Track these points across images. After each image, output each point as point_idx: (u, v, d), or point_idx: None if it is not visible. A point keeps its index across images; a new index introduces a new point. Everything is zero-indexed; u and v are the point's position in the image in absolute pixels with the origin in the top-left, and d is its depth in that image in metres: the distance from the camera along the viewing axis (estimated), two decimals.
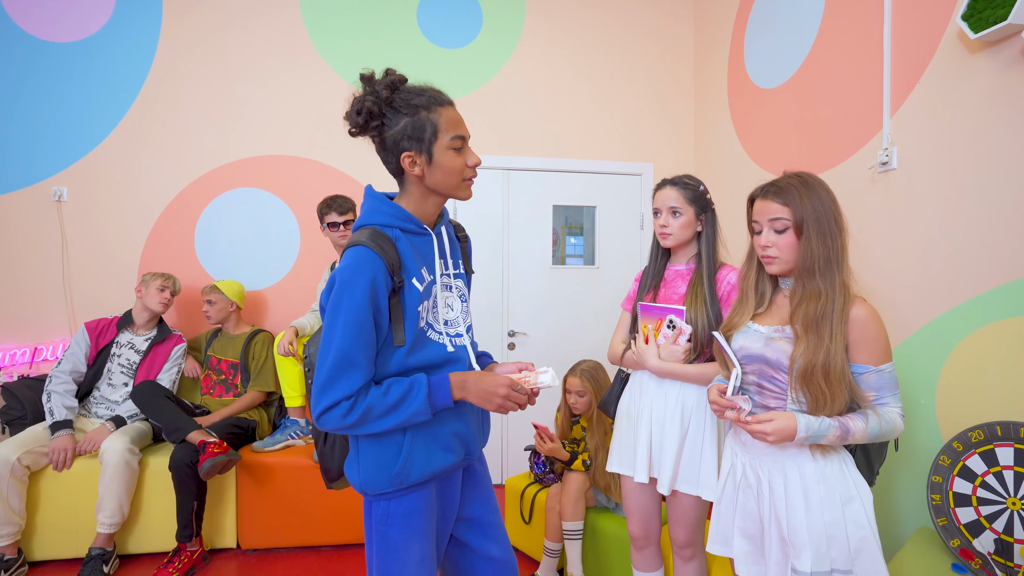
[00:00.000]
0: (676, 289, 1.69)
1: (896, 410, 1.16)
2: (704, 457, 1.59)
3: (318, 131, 3.16)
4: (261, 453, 2.47)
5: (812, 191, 1.20)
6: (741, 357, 1.29)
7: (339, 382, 1.02)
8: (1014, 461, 1.50)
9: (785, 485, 1.20)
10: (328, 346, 1.03)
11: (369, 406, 1.03)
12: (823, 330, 1.15)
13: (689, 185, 1.67)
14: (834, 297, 1.16)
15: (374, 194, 1.18)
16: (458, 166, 1.11)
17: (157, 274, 2.63)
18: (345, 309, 1.02)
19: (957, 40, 1.70)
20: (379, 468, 1.09)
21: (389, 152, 1.10)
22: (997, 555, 1.49)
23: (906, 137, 1.89)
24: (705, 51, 3.30)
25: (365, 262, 1.04)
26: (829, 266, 1.17)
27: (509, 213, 3.35)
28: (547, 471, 2.41)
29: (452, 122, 1.09)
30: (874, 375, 1.16)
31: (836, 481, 1.17)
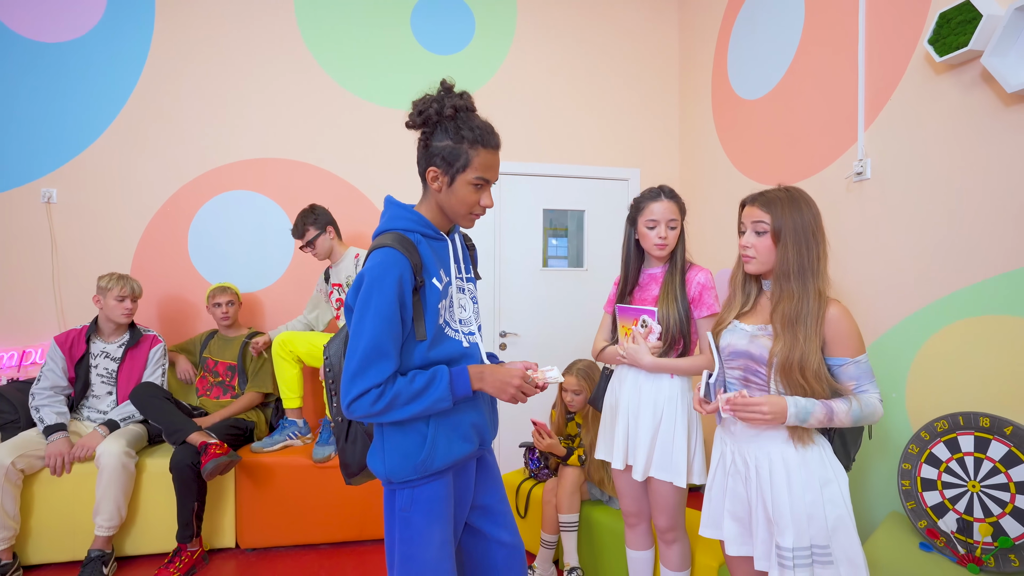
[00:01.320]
0: (650, 292, 1.79)
1: (875, 396, 1.28)
2: (676, 446, 1.69)
3: (314, 135, 3.20)
4: (260, 454, 2.50)
5: (795, 205, 1.33)
6: (728, 353, 1.42)
7: (369, 371, 1.10)
8: (974, 448, 1.64)
9: (771, 469, 1.31)
10: (358, 338, 1.11)
11: (396, 393, 1.11)
12: (798, 330, 1.27)
13: (679, 197, 1.78)
14: (808, 300, 1.28)
15: (396, 203, 1.30)
16: (471, 200, 1.22)
17: (110, 278, 2.48)
18: (375, 303, 1.11)
19: (924, 62, 1.85)
20: (404, 457, 1.18)
21: (425, 157, 1.23)
22: (959, 533, 1.63)
23: (879, 149, 2.03)
24: (690, 62, 3.44)
25: (393, 261, 1.13)
26: (803, 273, 1.30)
27: (501, 217, 3.43)
28: (542, 467, 2.50)
29: (484, 165, 1.21)
30: (852, 366, 1.28)
31: (815, 465, 1.29)
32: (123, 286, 2.50)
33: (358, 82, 3.24)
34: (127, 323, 2.57)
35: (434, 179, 1.21)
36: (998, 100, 1.63)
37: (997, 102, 1.63)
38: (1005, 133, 1.61)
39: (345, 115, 3.23)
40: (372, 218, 3.26)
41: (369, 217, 3.25)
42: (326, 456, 2.46)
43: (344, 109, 3.23)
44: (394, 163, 3.29)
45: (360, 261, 2.63)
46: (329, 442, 2.53)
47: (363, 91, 3.25)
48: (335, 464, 2.49)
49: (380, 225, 1.26)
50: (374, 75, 3.26)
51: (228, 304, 2.74)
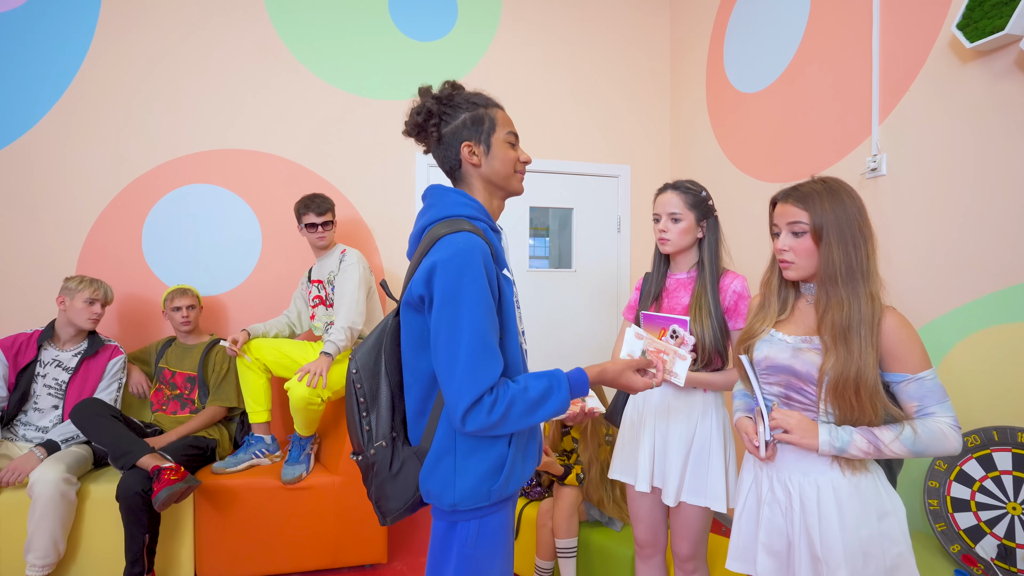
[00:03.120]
0: (679, 299, 1.65)
1: (945, 420, 1.09)
2: (712, 466, 1.56)
3: (283, 125, 2.94)
4: (222, 475, 2.24)
5: (836, 197, 1.17)
6: (766, 367, 1.25)
7: (480, 371, 0.95)
8: (1012, 466, 1.52)
9: (819, 500, 1.15)
10: (456, 336, 0.95)
11: (511, 399, 0.97)
12: (852, 342, 1.11)
13: (691, 190, 1.64)
14: (859, 307, 1.12)
15: (450, 188, 1.15)
16: (512, 157, 1.15)
17: (82, 280, 2.27)
18: (470, 293, 0.96)
19: (949, 49, 1.73)
20: (482, 480, 1.03)
21: (447, 146, 1.13)
22: (1000, 560, 1.50)
23: (896, 144, 1.90)
24: (682, 53, 3.30)
25: (475, 244, 1.00)
26: (852, 275, 1.13)
27: None
28: (534, 484, 2.31)
29: (506, 120, 1.17)
30: (913, 384, 1.11)
31: (870, 495, 1.13)
32: (95, 289, 2.29)
33: (331, 69, 3.00)
34: (90, 329, 2.32)
35: (471, 153, 1.12)
36: None
37: None
38: None
39: (317, 104, 2.99)
40: (346, 215, 3.02)
41: (343, 214, 3.01)
42: (296, 476, 2.23)
43: (316, 97, 2.99)
44: (371, 156, 3.06)
45: (345, 257, 2.43)
46: (300, 460, 2.30)
47: (336, 79, 3.01)
48: (307, 485, 2.25)
49: (436, 212, 1.10)
50: (348, 61, 3.02)
51: (189, 308, 2.47)
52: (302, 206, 2.43)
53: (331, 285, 2.45)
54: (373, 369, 1.07)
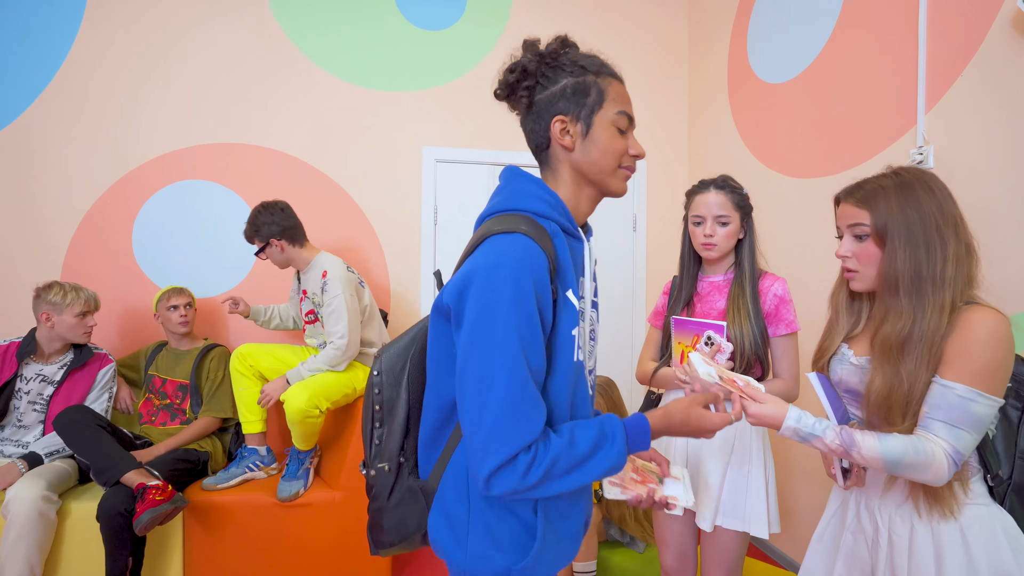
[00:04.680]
0: (713, 304, 1.51)
1: (941, 444, 0.90)
2: (751, 487, 1.42)
3: (284, 118, 2.80)
4: (213, 491, 2.09)
5: (908, 194, 0.99)
6: (844, 391, 1.11)
7: (517, 425, 0.73)
8: None
9: (911, 541, 0.98)
10: (489, 374, 0.73)
11: (554, 458, 0.75)
12: (904, 361, 0.95)
13: (736, 189, 1.51)
14: (923, 319, 0.94)
15: (524, 174, 0.90)
16: (618, 148, 0.87)
17: (65, 292, 2.06)
18: (507, 318, 0.73)
19: (1011, 26, 1.57)
20: (498, 549, 0.81)
21: (538, 117, 0.88)
22: None
23: (946, 134, 1.75)
24: (701, 42, 3.14)
25: (528, 256, 0.76)
26: (919, 283, 0.96)
27: None
28: None
29: (621, 97, 0.89)
30: (937, 389, 0.93)
31: (981, 548, 0.92)
32: (85, 300, 2.10)
33: (334, 58, 2.86)
34: (84, 343, 2.16)
35: (564, 131, 0.86)
36: None
37: None
38: None
39: (318, 95, 2.84)
40: (351, 216, 2.87)
41: (348, 214, 2.87)
42: (294, 493, 2.08)
43: (317, 88, 2.84)
44: (375, 150, 2.91)
45: (327, 284, 2.14)
46: (298, 475, 2.14)
47: (339, 69, 2.86)
48: (305, 502, 2.10)
49: (499, 202, 0.88)
50: (352, 51, 2.87)
51: (187, 307, 2.33)
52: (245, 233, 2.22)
53: (318, 307, 2.22)
54: (397, 376, 0.90)
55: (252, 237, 2.19)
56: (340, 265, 2.20)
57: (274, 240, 2.17)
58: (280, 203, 2.21)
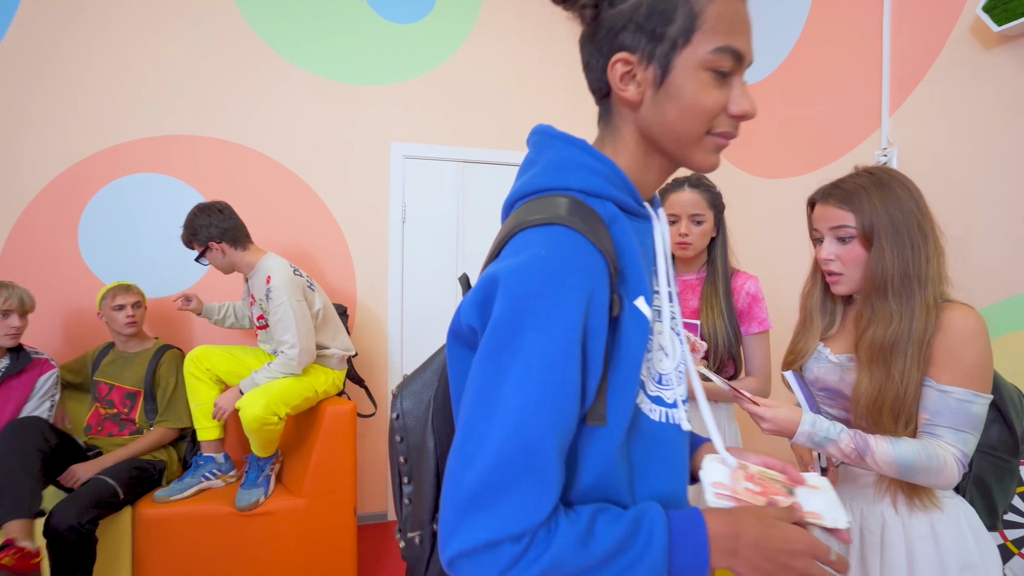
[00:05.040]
0: (687, 303, 1.51)
1: (951, 450, 0.90)
2: None
3: (243, 109, 2.68)
4: (165, 503, 1.98)
5: (887, 192, 0.99)
6: (820, 389, 1.10)
7: (508, 499, 0.49)
8: None
9: (883, 536, 0.99)
10: (488, 418, 0.51)
11: (557, 559, 0.49)
12: (894, 363, 0.94)
13: (709, 187, 1.50)
14: (911, 319, 0.94)
15: (565, 136, 0.64)
16: (709, 104, 0.58)
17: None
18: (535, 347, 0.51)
19: (970, 33, 1.61)
20: None
21: (598, 47, 0.61)
22: None
23: (908, 137, 1.78)
24: None
25: (575, 259, 0.53)
26: (907, 284, 0.96)
27: (465, 211, 3.03)
28: None
29: (728, 21, 0.56)
30: (935, 394, 0.93)
31: (951, 541, 0.94)
32: (5, 298, 1.90)
33: (299, 50, 2.75)
34: (11, 346, 1.97)
35: (627, 76, 0.59)
36: None
37: None
38: None
39: (281, 87, 2.73)
40: (316, 213, 2.78)
41: (313, 212, 2.77)
42: (253, 502, 1.98)
43: (280, 80, 2.73)
44: (341, 146, 2.82)
45: (272, 290, 2.00)
46: (258, 483, 2.05)
47: (304, 60, 2.76)
48: (266, 511, 2.01)
49: (533, 178, 0.62)
50: (317, 42, 2.77)
51: (134, 306, 2.17)
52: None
53: (266, 313, 2.10)
54: (421, 418, 0.68)
55: (190, 241, 2.07)
56: (285, 269, 2.07)
57: (213, 243, 2.05)
58: (219, 203, 2.09)
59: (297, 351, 2.02)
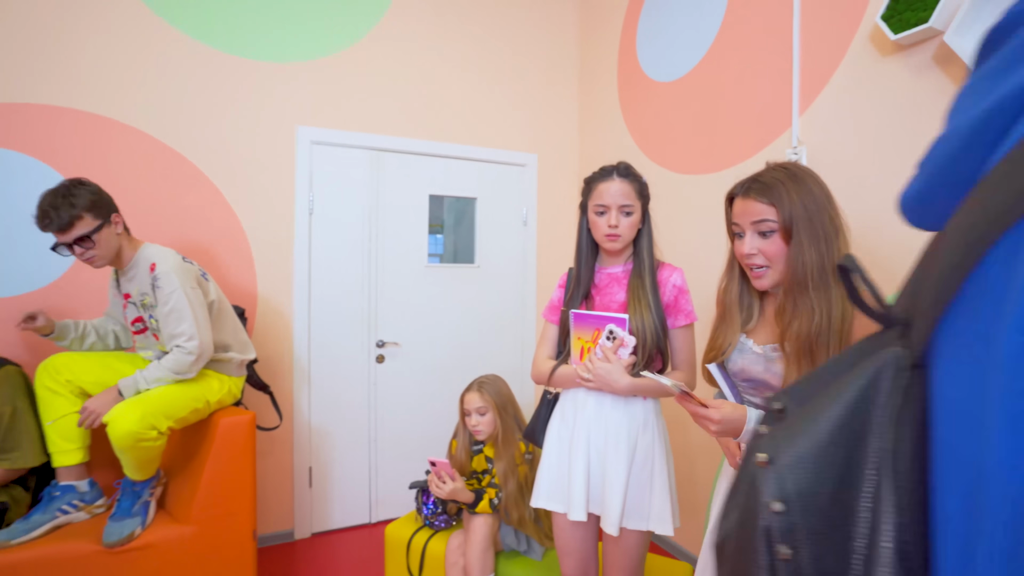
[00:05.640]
0: (613, 296, 1.48)
1: None
2: (655, 484, 1.40)
3: (123, 81, 2.31)
4: (8, 548, 1.62)
5: (802, 186, 1.02)
6: (744, 380, 1.09)
7: None
8: None
9: None
10: None
11: None
12: (819, 355, 0.96)
13: (638, 177, 1.48)
14: (830, 314, 0.97)
15: None
16: None
17: None
18: None
19: (869, 41, 1.71)
20: None
21: None
22: None
23: (816, 137, 1.87)
24: (591, 37, 3.16)
25: None
26: (824, 276, 0.99)
27: (378, 202, 2.83)
28: (439, 512, 2.00)
29: None
30: None
31: None
32: None
33: (188, 15, 2.42)
34: None
35: None
36: (953, 86, 1.51)
37: (952, 88, 1.51)
38: None
39: (173, 60, 2.39)
40: (210, 202, 2.46)
41: (206, 200, 2.45)
42: (126, 536, 1.68)
43: (172, 51, 2.39)
44: (240, 128, 2.52)
45: (160, 274, 1.75)
46: (133, 512, 1.75)
47: (196, 29, 2.43)
48: (143, 544, 1.71)
49: None
50: (213, 8, 2.45)
51: None
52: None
53: (147, 311, 1.82)
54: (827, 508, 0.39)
55: (78, 216, 1.64)
56: (172, 255, 1.81)
57: (116, 216, 1.76)
58: (84, 179, 1.75)
59: (196, 343, 1.75)
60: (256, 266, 2.58)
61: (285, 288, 2.64)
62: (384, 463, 2.85)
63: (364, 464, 2.81)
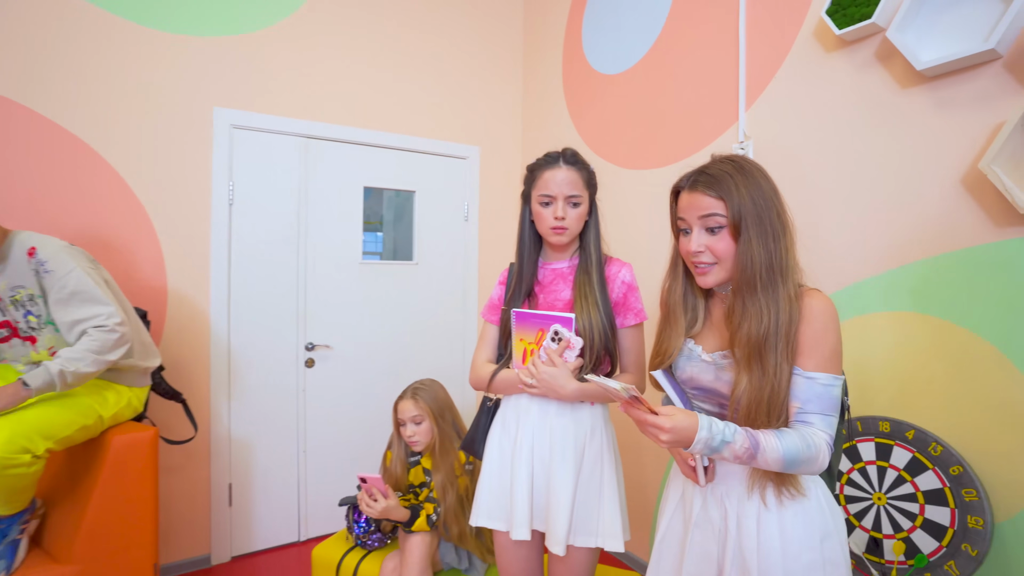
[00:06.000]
0: (558, 294, 1.37)
1: (823, 436, 0.90)
2: (604, 497, 1.31)
3: (9, 52, 1.98)
4: None
5: (750, 179, 0.96)
6: (693, 388, 1.04)
7: None
8: (876, 456, 1.51)
9: (758, 521, 0.96)
10: None
11: None
12: (767, 358, 0.92)
13: (586, 165, 1.38)
14: (778, 315, 0.92)
15: None
16: None
17: None
18: None
19: (813, 37, 1.70)
20: None
21: None
22: (869, 553, 1.48)
23: (762, 132, 1.86)
24: (536, 28, 3.06)
25: None
26: (772, 276, 0.94)
27: (308, 193, 2.61)
28: (371, 530, 1.83)
29: None
30: (803, 382, 0.92)
31: (815, 513, 0.96)
32: None
33: None
34: None
35: None
36: (895, 82, 1.52)
37: (893, 84, 1.52)
38: (902, 117, 1.50)
39: (70, 29, 2.08)
40: (112, 191, 2.17)
41: (108, 189, 2.16)
42: None
43: (68, 19, 2.08)
44: (153, 109, 2.24)
45: (46, 257, 1.52)
46: None
47: None
48: None
49: None
50: None
51: None
52: None
53: (23, 308, 1.56)
54: None
55: None
56: (52, 239, 1.57)
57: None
58: None
59: (119, 320, 1.51)
60: (166, 262, 2.31)
61: (202, 286, 2.38)
62: (315, 475, 2.63)
63: (292, 477, 2.58)
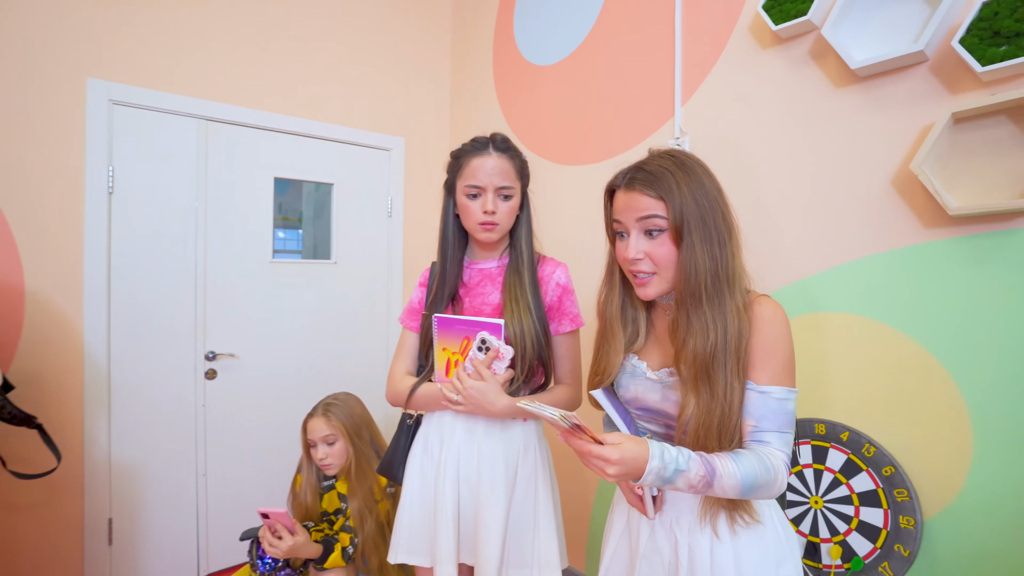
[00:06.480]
0: (485, 297, 1.24)
1: (781, 456, 0.82)
2: (540, 522, 1.19)
3: None
4: None
5: (692, 177, 0.87)
6: (637, 408, 0.94)
7: None
8: (812, 459, 1.50)
9: (711, 551, 0.87)
10: None
11: None
12: (716, 377, 0.82)
13: (518, 154, 1.25)
14: (725, 328, 0.83)
15: None
16: None
17: None
18: None
19: (749, 33, 1.67)
20: None
21: None
22: (807, 559, 1.46)
23: (698, 127, 1.81)
24: (466, 17, 2.90)
25: None
26: (718, 285, 0.84)
27: (208, 183, 2.30)
28: (279, 566, 1.61)
29: None
30: (756, 397, 0.83)
31: (770, 539, 0.89)
32: None
33: None
34: None
35: None
36: (828, 81, 1.50)
37: (827, 83, 1.51)
38: (835, 117, 1.49)
39: None
40: None
41: None
42: None
43: None
44: (10, 77, 1.86)
45: None
46: None
47: None
48: None
49: None
50: None
51: None
52: None
53: None
54: None
55: None
56: None
57: None
58: None
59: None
60: (22, 259, 1.93)
61: (71, 288, 2.02)
62: (217, 502, 2.32)
63: (190, 506, 2.26)
